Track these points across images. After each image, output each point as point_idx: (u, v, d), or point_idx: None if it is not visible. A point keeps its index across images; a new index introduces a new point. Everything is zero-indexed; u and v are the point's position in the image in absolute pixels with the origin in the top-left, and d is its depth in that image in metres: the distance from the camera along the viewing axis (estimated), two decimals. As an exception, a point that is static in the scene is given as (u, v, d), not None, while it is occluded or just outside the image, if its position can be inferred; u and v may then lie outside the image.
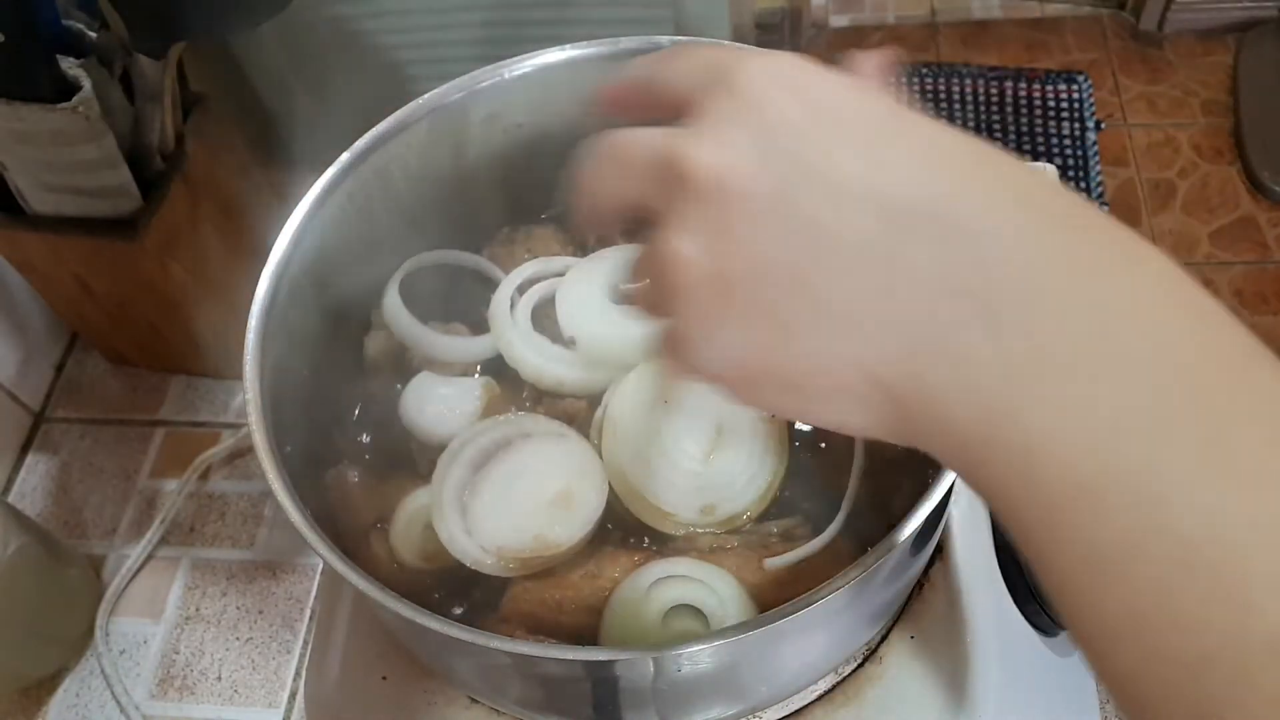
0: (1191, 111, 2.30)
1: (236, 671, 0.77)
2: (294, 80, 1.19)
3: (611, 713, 0.52)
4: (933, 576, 0.63)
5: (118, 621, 0.80)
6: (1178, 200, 2.17)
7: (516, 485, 0.56)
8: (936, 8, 2.51)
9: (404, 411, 0.61)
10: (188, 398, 0.91)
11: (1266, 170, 2.15)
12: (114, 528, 0.85)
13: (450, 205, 0.66)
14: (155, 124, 0.73)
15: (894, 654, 0.62)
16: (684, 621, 0.53)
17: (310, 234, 0.57)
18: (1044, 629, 0.66)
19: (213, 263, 0.81)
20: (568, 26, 1.09)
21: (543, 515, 0.55)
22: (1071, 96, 2.31)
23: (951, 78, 2.35)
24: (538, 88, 0.62)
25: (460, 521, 0.55)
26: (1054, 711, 0.66)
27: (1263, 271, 2.07)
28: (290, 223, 0.56)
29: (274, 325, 0.54)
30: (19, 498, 0.87)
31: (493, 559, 0.54)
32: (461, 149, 0.63)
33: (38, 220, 0.75)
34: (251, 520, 0.84)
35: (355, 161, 0.59)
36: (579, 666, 0.46)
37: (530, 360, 0.61)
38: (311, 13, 1.11)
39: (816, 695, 0.62)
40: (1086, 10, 2.48)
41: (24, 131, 0.68)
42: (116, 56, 0.70)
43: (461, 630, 0.43)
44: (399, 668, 0.63)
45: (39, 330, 0.92)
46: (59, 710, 0.77)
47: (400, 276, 0.63)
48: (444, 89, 0.60)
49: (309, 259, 0.57)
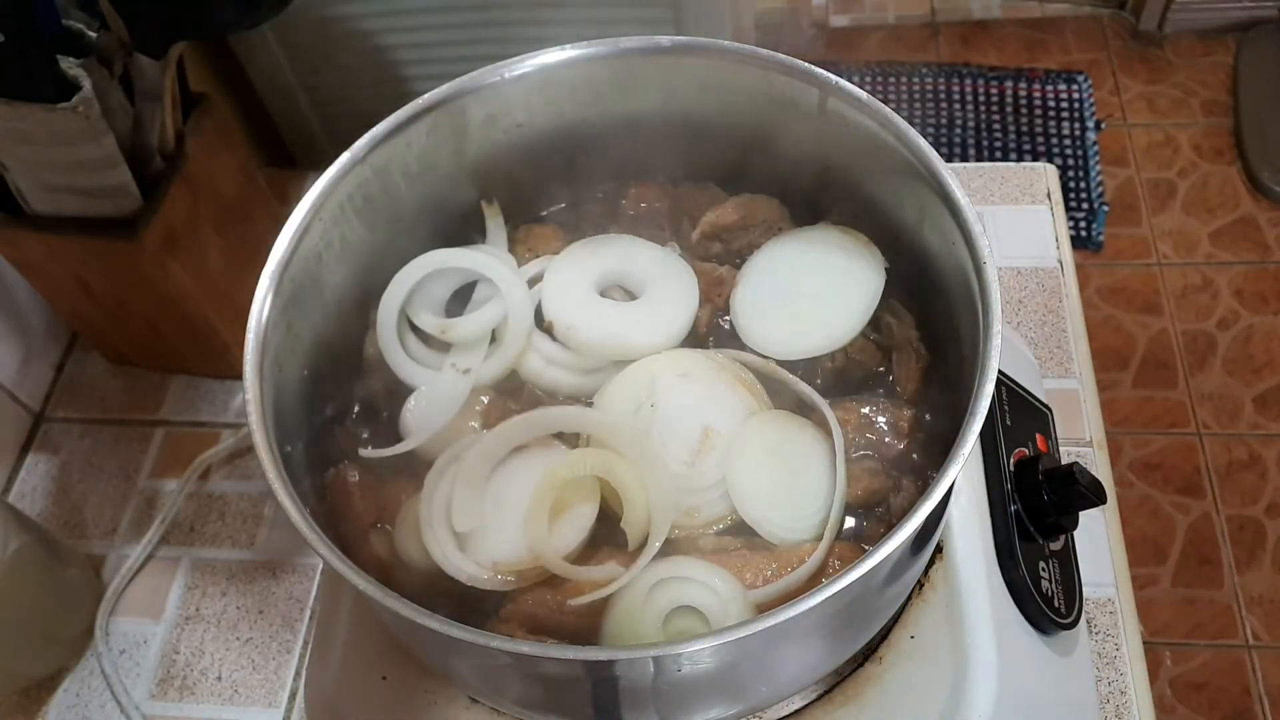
0: (1191, 111, 2.30)
1: (236, 671, 0.77)
2: (294, 80, 1.19)
3: (612, 713, 0.52)
4: (933, 576, 0.63)
5: (118, 621, 0.80)
6: (1178, 200, 2.17)
7: (508, 498, 0.56)
8: (936, 8, 2.51)
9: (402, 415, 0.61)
10: (188, 398, 0.91)
11: (1266, 170, 2.15)
12: (114, 528, 0.85)
13: (450, 205, 0.66)
14: (155, 124, 0.73)
15: (894, 654, 0.62)
16: (685, 622, 0.53)
17: (310, 234, 0.57)
18: (1044, 629, 0.66)
19: (213, 263, 0.81)
20: (568, 26, 1.09)
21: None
22: (1071, 96, 2.31)
23: (951, 78, 2.35)
24: (538, 88, 0.62)
25: (451, 539, 0.55)
26: (1054, 712, 0.66)
27: (1263, 271, 2.07)
28: (290, 223, 0.56)
29: (274, 325, 0.54)
30: (19, 498, 0.87)
31: (488, 573, 0.54)
32: (461, 149, 0.63)
33: (38, 220, 0.75)
34: (251, 520, 0.84)
35: (355, 161, 0.59)
36: (579, 666, 0.46)
37: (530, 361, 0.62)
38: (311, 13, 1.11)
39: (816, 695, 0.62)
40: (1086, 10, 2.48)
41: (24, 131, 0.68)
42: (116, 56, 0.70)
43: (461, 630, 0.43)
44: (399, 668, 0.63)
45: (39, 330, 0.92)
46: (59, 710, 0.77)
47: (400, 277, 0.63)
48: (444, 89, 0.60)
49: (309, 259, 0.57)
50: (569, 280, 0.63)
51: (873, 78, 2.37)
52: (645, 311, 0.62)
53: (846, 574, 0.44)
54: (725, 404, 0.59)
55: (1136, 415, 1.91)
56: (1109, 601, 0.75)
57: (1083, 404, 0.84)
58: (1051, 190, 0.97)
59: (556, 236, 0.67)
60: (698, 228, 0.66)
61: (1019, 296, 0.90)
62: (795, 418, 0.59)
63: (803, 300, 0.62)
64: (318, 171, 0.58)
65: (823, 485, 0.57)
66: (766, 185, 0.67)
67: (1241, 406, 1.92)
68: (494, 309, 0.62)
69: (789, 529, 0.56)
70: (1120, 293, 2.05)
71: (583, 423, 0.59)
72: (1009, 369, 0.74)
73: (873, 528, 0.58)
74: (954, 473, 0.46)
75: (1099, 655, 0.73)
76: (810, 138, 0.62)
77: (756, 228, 0.66)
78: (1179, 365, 1.97)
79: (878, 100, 0.57)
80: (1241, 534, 1.79)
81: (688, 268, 0.64)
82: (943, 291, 0.57)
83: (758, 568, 0.55)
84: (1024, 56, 2.41)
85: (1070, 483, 0.65)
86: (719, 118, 0.64)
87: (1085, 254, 2.11)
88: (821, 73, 0.59)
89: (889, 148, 0.57)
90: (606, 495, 0.56)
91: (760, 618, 0.43)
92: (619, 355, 0.61)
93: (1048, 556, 0.67)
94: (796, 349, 0.61)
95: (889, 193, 0.60)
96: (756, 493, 0.57)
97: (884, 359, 0.63)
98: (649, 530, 0.55)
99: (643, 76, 0.63)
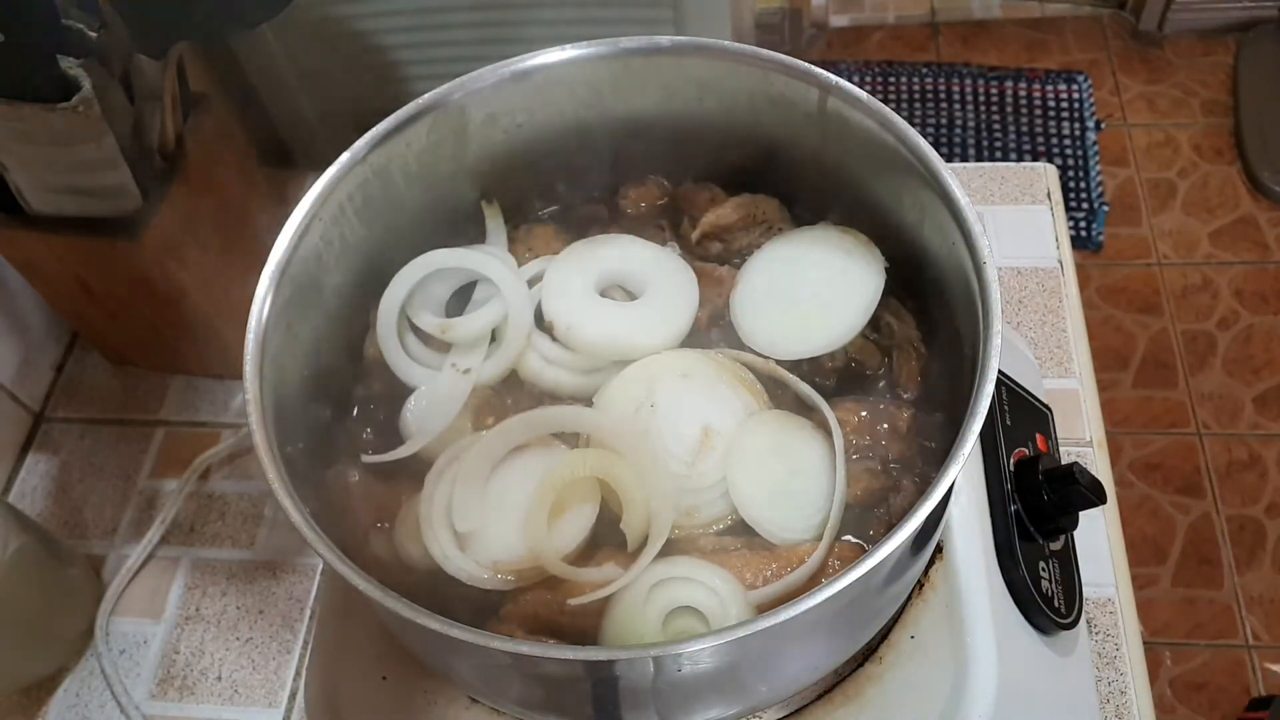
0: (1191, 111, 2.30)
1: (236, 671, 0.77)
2: (294, 80, 1.19)
3: (612, 713, 0.52)
4: (933, 576, 0.63)
5: (118, 621, 0.80)
6: (1178, 200, 2.17)
7: (509, 498, 0.56)
8: (936, 8, 2.51)
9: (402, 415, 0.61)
10: (188, 398, 0.91)
11: (1266, 170, 2.15)
12: (114, 528, 0.85)
13: (450, 205, 0.66)
14: (155, 124, 0.73)
15: (894, 654, 0.62)
16: (685, 622, 0.53)
17: (310, 234, 0.57)
18: (1044, 629, 0.66)
19: (213, 263, 0.81)
20: (568, 26, 1.09)
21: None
22: (1071, 96, 2.31)
23: (951, 78, 2.35)
24: (538, 88, 0.62)
25: (451, 539, 0.55)
26: (1054, 711, 0.66)
27: (1263, 271, 2.07)
28: (290, 223, 0.56)
29: (274, 325, 0.54)
30: (19, 498, 0.87)
31: (489, 573, 0.54)
32: (461, 149, 0.63)
33: (38, 220, 0.75)
34: (251, 520, 0.84)
35: (355, 161, 0.59)
36: (579, 666, 0.46)
37: (530, 361, 0.62)
38: (311, 13, 1.11)
39: (816, 695, 0.62)
40: (1086, 10, 2.48)
41: (24, 131, 0.68)
42: (116, 56, 0.70)
43: (462, 630, 0.43)
44: (399, 668, 0.63)
45: (39, 330, 0.92)
46: (59, 710, 0.77)
47: (400, 277, 0.63)
48: (444, 89, 0.60)
49: (309, 259, 0.57)
50: (569, 280, 0.63)
51: (873, 78, 2.37)
52: (645, 311, 0.62)
53: (846, 574, 0.44)
54: (725, 404, 0.59)
55: (1136, 415, 1.91)
56: (1109, 601, 0.75)
57: (1083, 404, 0.84)
58: (1051, 190, 0.97)
59: (556, 236, 0.67)
60: (698, 228, 0.66)
61: (1019, 296, 0.90)
62: (795, 418, 0.59)
63: (803, 300, 0.62)
64: (318, 171, 0.58)
65: (823, 485, 0.57)
66: (766, 185, 0.67)
67: (1241, 406, 1.92)
68: (494, 309, 0.62)
69: (789, 529, 0.56)
70: (1120, 293, 2.05)
71: (583, 423, 0.59)
72: (1009, 369, 0.75)
73: (873, 528, 0.58)
74: (954, 473, 0.46)
75: (1099, 655, 0.73)
76: (810, 138, 0.62)
77: (756, 228, 0.66)
78: (1179, 365, 1.97)
79: (878, 100, 0.57)
80: (1241, 534, 1.79)
81: (688, 268, 0.64)
82: (943, 291, 0.57)
83: (758, 568, 0.54)
84: (1024, 56, 2.41)
85: (1070, 483, 0.65)
86: (719, 118, 0.64)
87: (1085, 254, 2.11)
88: (821, 73, 0.59)
89: (889, 148, 0.57)
90: (606, 496, 0.56)
91: (760, 618, 0.43)
92: (619, 355, 0.61)
93: (1048, 556, 0.67)
94: (796, 349, 0.61)
95: (889, 193, 0.60)
96: (756, 493, 0.57)
97: (884, 359, 0.63)
98: (649, 531, 0.55)
99: (643, 76, 0.63)
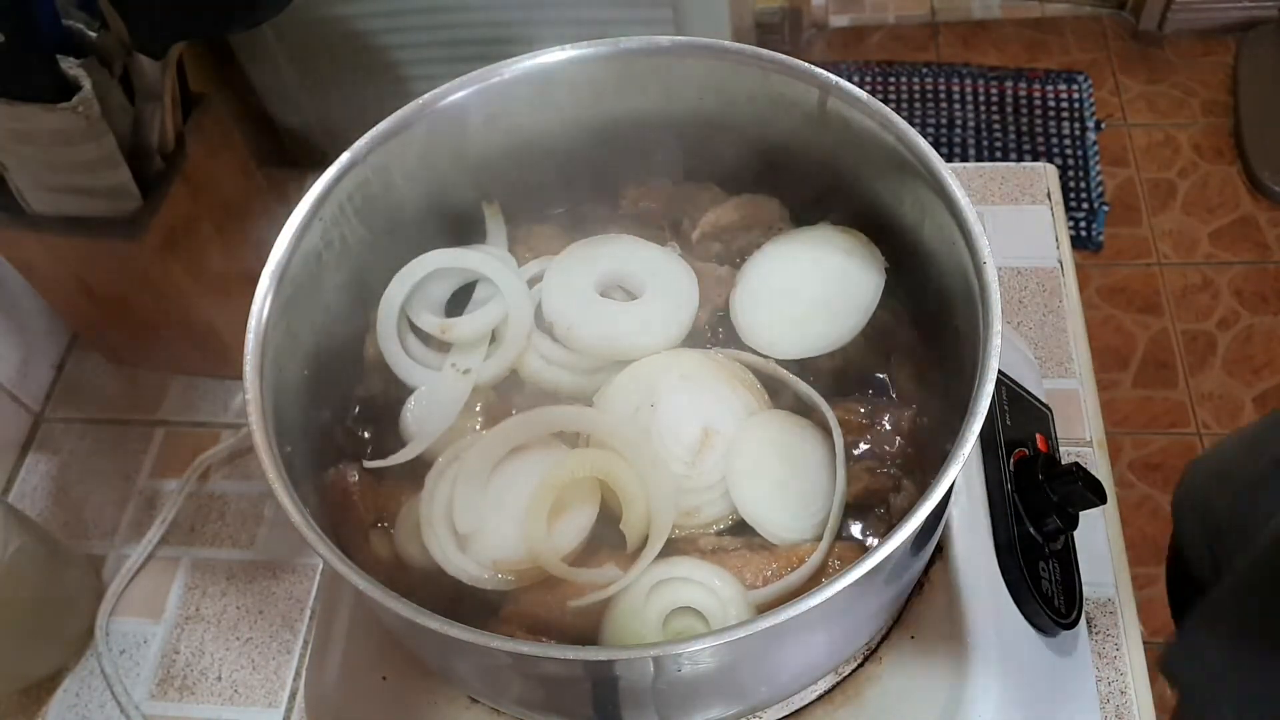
0: (1191, 111, 2.30)
1: (236, 671, 0.77)
2: (294, 80, 1.19)
3: (612, 713, 0.52)
4: (933, 576, 0.63)
5: (118, 621, 0.80)
6: (1178, 200, 2.17)
7: (509, 498, 0.56)
8: (936, 8, 2.51)
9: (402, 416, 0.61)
10: (188, 398, 0.91)
11: (1266, 170, 2.15)
12: (114, 528, 0.85)
13: (450, 205, 0.66)
14: (155, 124, 0.73)
15: (894, 654, 0.62)
16: (685, 622, 0.53)
17: (310, 234, 0.57)
18: (1044, 629, 0.66)
19: (213, 263, 0.81)
20: (568, 26, 1.09)
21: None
22: (1071, 96, 2.31)
23: (951, 78, 2.35)
24: (538, 88, 0.62)
25: (452, 539, 0.55)
26: (1054, 711, 0.66)
27: (1263, 271, 2.07)
28: (290, 223, 0.56)
29: (274, 325, 0.54)
30: (19, 498, 0.87)
31: (489, 573, 0.54)
32: (461, 149, 0.63)
33: (38, 220, 0.75)
34: (251, 520, 0.84)
35: (355, 161, 0.59)
36: (579, 666, 0.46)
37: (530, 361, 0.62)
38: (311, 13, 1.11)
39: (816, 695, 0.62)
40: (1086, 10, 2.48)
41: (24, 131, 0.67)
42: (116, 56, 0.70)
43: (462, 630, 0.43)
44: (399, 668, 0.63)
45: (39, 330, 0.92)
46: (59, 710, 0.77)
47: (400, 277, 0.63)
48: (444, 89, 0.60)
49: (309, 259, 0.57)
50: (569, 280, 0.63)
51: (873, 78, 2.37)
52: (645, 311, 0.62)
53: (846, 574, 0.44)
54: (725, 404, 0.59)
55: (1136, 415, 1.91)
56: (1109, 601, 0.75)
57: (1083, 404, 0.84)
58: (1051, 190, 0.97)
59: (556, 236, 0.67)
60: (698, 228, 0.66)
61: (1019, 296, 0.90)
62: (795, 418, 0.59)
63: (803, 300, 0.62)
64: (318, 171, 0.58)
65: (823, 485, 0.57)
66: (766, 185, 0.67)
67: (1241, 406, 1.92)
68: (494, 309, 0.62)
69: (789, 529, 0.56)
70: (1120, 293, 2.05)
71: (583, 423, 0.59)
72: (1009, 369, 0.75)
73: (873, 528, 0.58)
74: (954, 473, 0.46)
75: (1099, 655, 0.73)
76: (810, 138, 0.62)
77: (756, 228, 0.66)
78: (1179, 365, 1.97)
79: (878, 100, 0.57)
80: (1241, 534, 1.79)
81: (688, 268, 0.64)
82: (943, 292, 0.57)
83: (758, 568, 0.55)
84: (1024, 56, 2.41)
85: (1070, 483, 0.65)
86: (719, 118, 0.64)
87: (1085, 254, 2.11)
88: (821, 73, 0.59)
89: (889, 148, 0.57)
90: (606, 496, 0.56)
91: (760, 618, 0.43)
92: (619, 355, 0.61)
93: (1048, 556, 0.67)
94: (796, 349, 0.61)
95: (889, 193, 0.60)
96: (756, 493, 0.57)
97: (884, 359, 0.63)
98: (649, 531, 0.55)
99: (643, 76, 0.63)
